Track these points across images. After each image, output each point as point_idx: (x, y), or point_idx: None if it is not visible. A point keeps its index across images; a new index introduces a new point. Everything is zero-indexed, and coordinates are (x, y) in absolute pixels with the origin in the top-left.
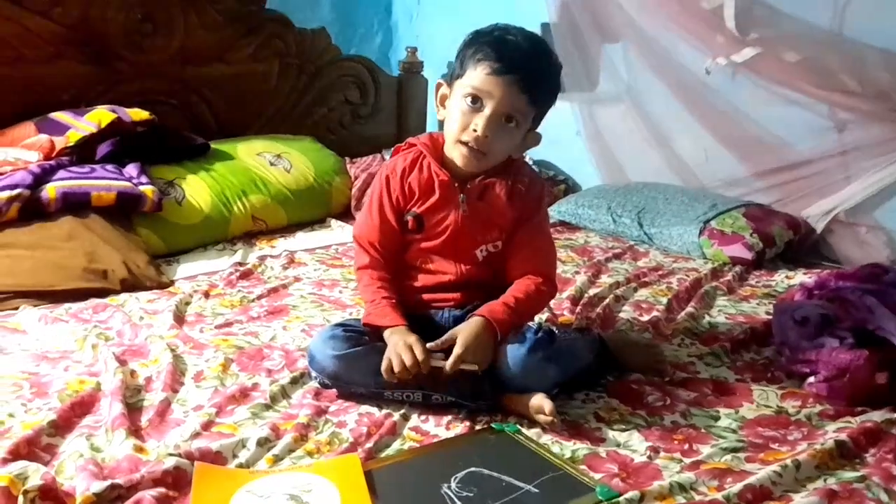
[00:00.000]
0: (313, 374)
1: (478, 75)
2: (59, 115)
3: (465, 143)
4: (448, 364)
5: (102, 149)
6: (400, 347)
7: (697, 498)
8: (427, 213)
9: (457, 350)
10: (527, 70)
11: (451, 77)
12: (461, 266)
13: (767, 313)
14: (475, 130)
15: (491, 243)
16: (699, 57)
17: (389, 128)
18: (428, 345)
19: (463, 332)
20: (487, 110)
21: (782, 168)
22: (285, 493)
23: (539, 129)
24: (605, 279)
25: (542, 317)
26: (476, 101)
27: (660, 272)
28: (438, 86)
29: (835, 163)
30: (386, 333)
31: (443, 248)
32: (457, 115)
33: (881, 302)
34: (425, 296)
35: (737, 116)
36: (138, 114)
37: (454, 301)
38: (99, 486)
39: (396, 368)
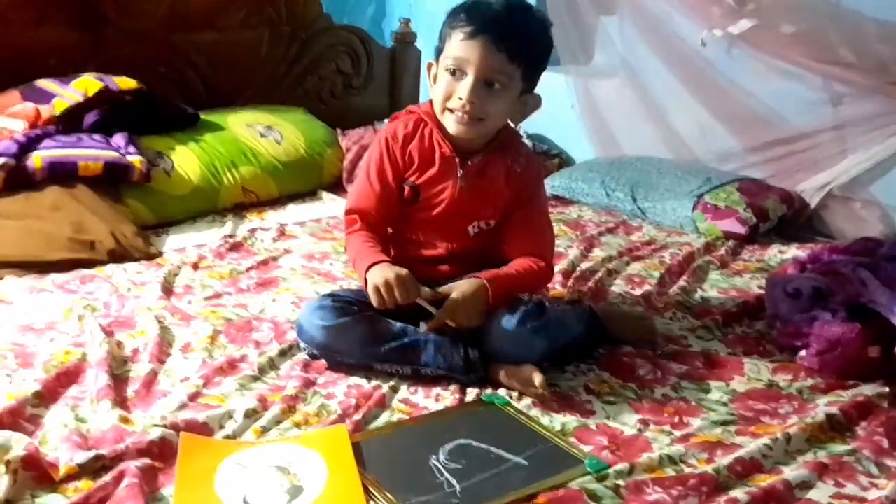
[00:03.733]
0: (302, 345)
1: (454, 44)
2: (45, 83)
3: (453, 111)
4: (431, 322)
5: (90, 118)
6: (387, 274)
7: (687, 471)
8: (424, 184)
9: (448, 303)
10: (500, 28)
11: (437, 55)
12: (452, 241)
13: (760, 288)
14: (460, 99)
15: (483, 220)
16: (695, 29)
17: (382, 99)
18: (422, 291)
19: (458, 289)
20: (469, 77)
21: (777, 142)
22: (272, 464)
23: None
24: (597, 253)
25: None
26: (457, 71)
27: (652, 246)
28: (429, 66)
29: (830, 137)
30: (371, 271)
31: (436, 221)
32: (441, 84)
33: (874, 275)
34: (416, 268)
35: (732, 90)
36: (126, 82)
37: (443, 274)
38: (83, 456)
39: (384, 291)
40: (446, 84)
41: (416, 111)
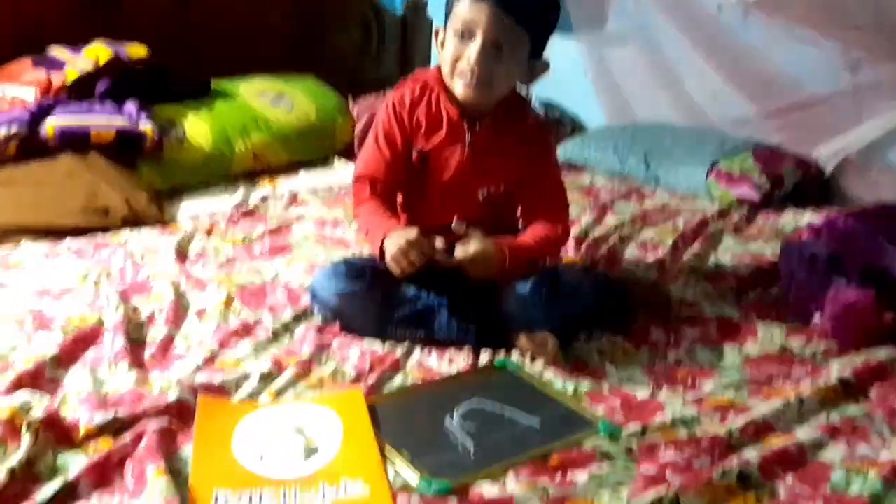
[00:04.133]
0: (316, 309)
1: (462, 6)
2: (56, 51)
3: (462, 74)
4: (447, 258)
5: (101, 86)
6: (398, 241)
7: (700, 432)
8: (432, 150)
9: (469, 252)
10: None
11: (446, 18)
12: (461, 206)
13: (774, 254)
14: (469, 62)
15: (493, 185)
16: None
17: (393, 67)
18: (437, 242)
19: (476, 241)
20: (478, 39)
21: (792, 108)
22: (288, 424)
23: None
24: (610, 219)
25: None
26: (465, 34)
27: (666, 213)
28: (436, 33)
29: (846, 103)
30: (385, 243)
31: (445, 187)
32: (449, 48)
33: (890, 241)
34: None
35: (747, 55)
36: (137, 51)
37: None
38: (103, 416)
39: (401, 259)
40: (454, 47)
41: (423, 76)
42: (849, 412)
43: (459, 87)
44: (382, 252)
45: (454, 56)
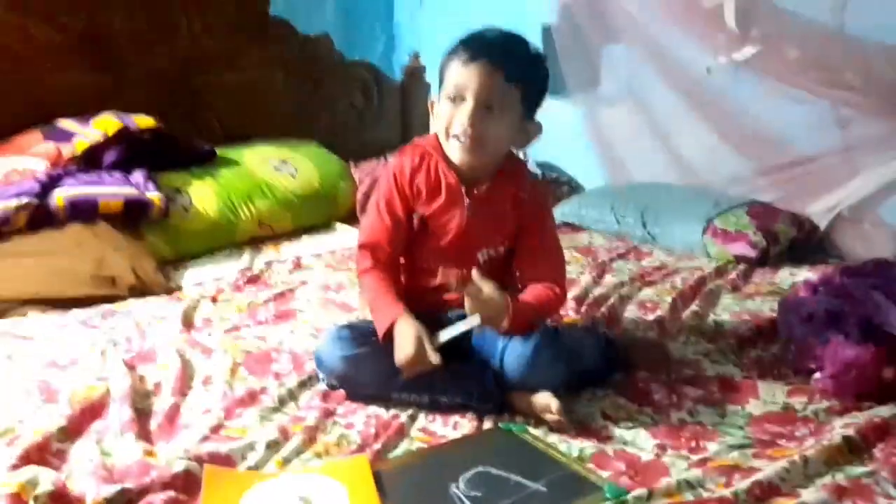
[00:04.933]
0: (321, 375)
1: (453, 71)
2: (66, 123)
3: (456, 137)
4: (474, 284)
5: (109, 156)
6: (408, 341)
7: (706, 495)
8: (433, 215)
9: (477, 289)
10: (496, 51)
11: (439, 89)
12: (462, 268)
13: (772, 310)
14: (461, 123)
15: (493, 248)
16: (700, 56)
17: (394, 132)
18: (437, 337)
19: (489, 285)
20: (469, 101)
21: (785, 165)
22: (295, 494)
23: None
24: (609, 279)
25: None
26: (457, 98)
27: (664, 271)
28: (431, 104)
29: (838, 159)
30: (395, 329)
31: (446, 250)
32: (443, 113)
33: (887, 297)
34: (428, 296)
35: (739, 114)
36: (144, 121)
37: (456, 301)
38: (109, 490)
39: (406, 373)
40: (447, 112)
41: (422, 144)
42: (854, 472)
43: (455, 151)
44: (386, 333)
45: (447, 120)
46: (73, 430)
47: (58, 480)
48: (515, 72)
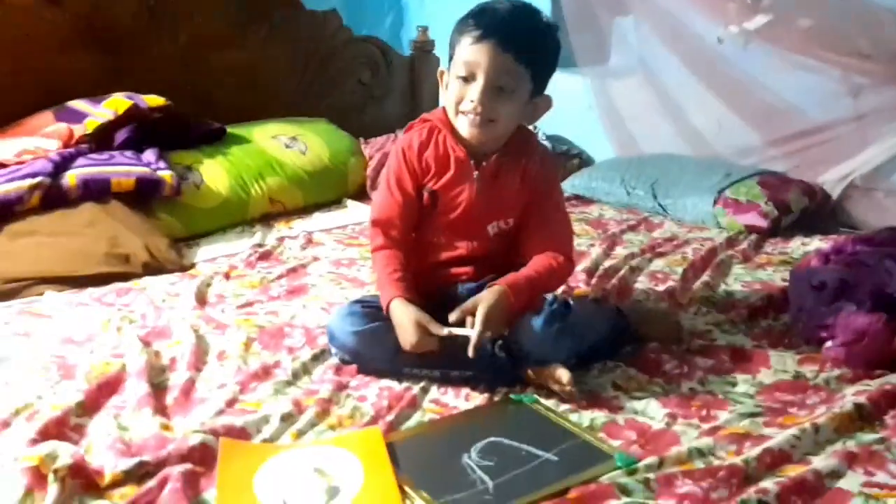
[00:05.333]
0: (333, 350)
1: (463, 49)
2: (77, 104)
3: (465, 114)
4: (473, 341)
5: (120, 135)
6: (405, 325)
7: (716, 463)
8: (442, 189)
9: (479, 326)
10: (507, 30)
11: (449, 62)
12: (472, 241)
13: (784, 280)
14: (472, 102)
15: (502, 220)
16: (710, 26)
17: (403, 107)
18: (450, 317)
19: (483, 304)
20: (479, 80)
21: (797, 135)
22: (309, 466)
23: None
24: (620, 251)
25: (558, 290)
26: (468, 75)
27: (674, 242)
28: (441, 74)
29: (850, 128)
30: (390, 310)
31: (455, 223)
32: (453, 90)
33: None
34: (440, 270)
35: (750, 85)
36: (154, 100)
37: (467, 274)
38: (127, 463)
39: (406, 347)
40: (458, 89)
41: (430, 119)
42: (865, 439)
43: (464, 127)
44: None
45: (458, 97)
46: (90, 405)
47: (77, 454)
48: (526, 52)
